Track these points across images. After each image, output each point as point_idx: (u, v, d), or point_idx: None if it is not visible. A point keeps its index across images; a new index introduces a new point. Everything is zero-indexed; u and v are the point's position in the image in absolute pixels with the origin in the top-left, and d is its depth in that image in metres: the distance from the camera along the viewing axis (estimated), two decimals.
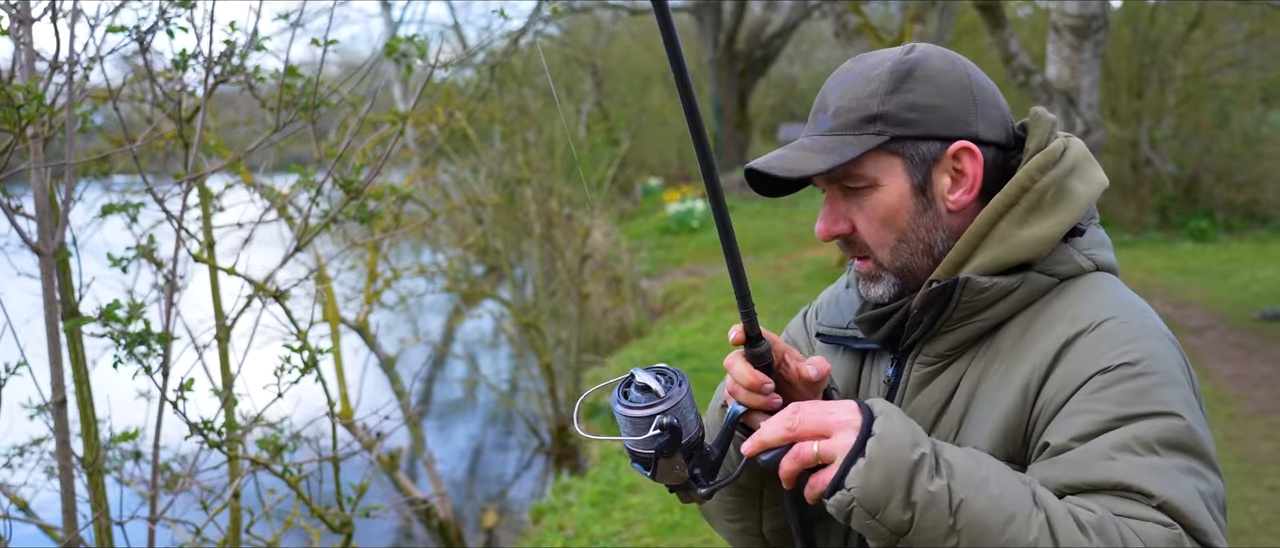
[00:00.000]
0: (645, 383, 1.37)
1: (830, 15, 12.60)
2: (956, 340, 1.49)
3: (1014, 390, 1.41)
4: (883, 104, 1.47)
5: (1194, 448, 1.30)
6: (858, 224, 1.51)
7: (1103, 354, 1.36)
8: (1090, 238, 1.52)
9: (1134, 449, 1.28)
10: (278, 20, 3.20)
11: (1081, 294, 1.45)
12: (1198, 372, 8.51)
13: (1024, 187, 1.47)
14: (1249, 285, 12.18)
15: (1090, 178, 1.52)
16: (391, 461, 7.46)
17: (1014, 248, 1.45)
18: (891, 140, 1.47)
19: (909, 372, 1.54)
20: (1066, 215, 1.47)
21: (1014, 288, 1.45)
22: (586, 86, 24.58)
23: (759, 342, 1.44)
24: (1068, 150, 1.51)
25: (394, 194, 3.75)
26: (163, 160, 5.78)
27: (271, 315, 3.34)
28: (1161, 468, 1.27)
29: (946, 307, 1.47)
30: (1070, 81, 9.24)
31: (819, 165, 1.46)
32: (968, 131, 1.49)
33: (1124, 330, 1.38)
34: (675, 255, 18.11)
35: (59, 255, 2.68)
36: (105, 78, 2.92)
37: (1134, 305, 1.44)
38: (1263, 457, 6.57)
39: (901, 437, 1.26)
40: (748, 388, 1.43)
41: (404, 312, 10.49)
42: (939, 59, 1.50)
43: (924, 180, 1.49)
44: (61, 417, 2.67)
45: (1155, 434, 1.29)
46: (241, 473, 3.17)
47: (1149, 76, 16.84)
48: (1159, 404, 1.31)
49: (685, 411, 1.36)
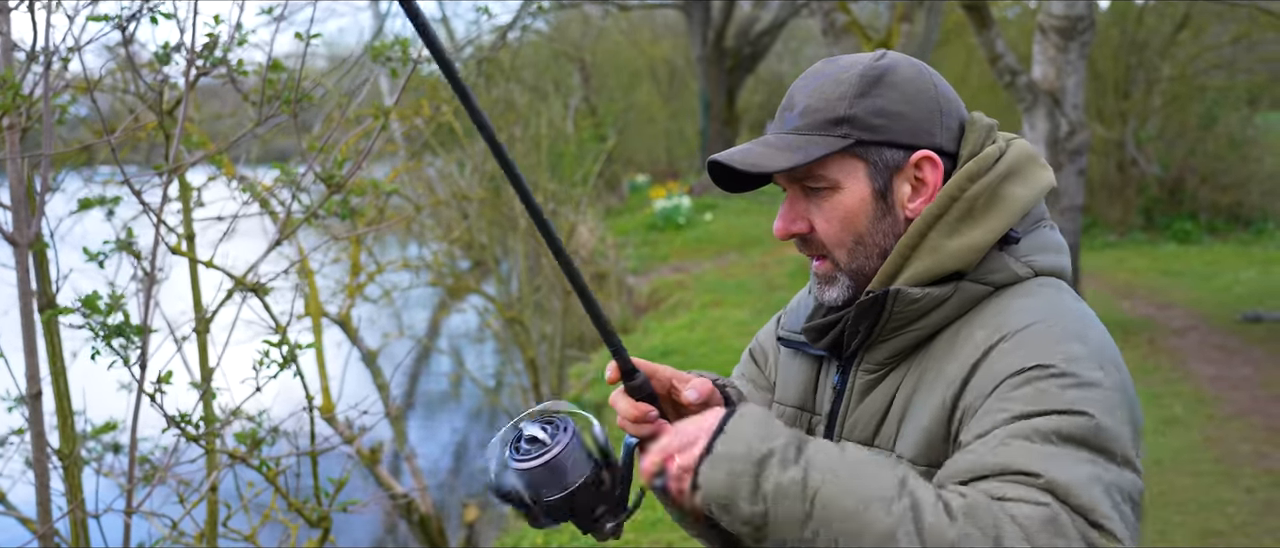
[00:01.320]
0: (532, 434, 1.40)
1: (818, 13, 12.61)
2: (894, 349, 1.49)
3: (937, 398, 1.41)
4: (851, 107, 1.48)
5: (1097, 444, 1.27)
6: (816, 224, 1.53)
7: (1018, 358, 1.35)
8: (1030, 243, 1.51)
9: (1028, 437, 1.27)
10: (262, 14, 3.20)
11: (1011, 301, 1.45)
12: (1178, 373, 8.57)
13: (953, 196, 1.47)
14: (1232, 288, 12.24)
15: (1032, 180, 1.51)
16: (373, 455, 7.45)
17: (944, 258, 1.45)
18: (856, 144, 1.48)
19: (854, 379, 1.55)
20: (998, 222, 1.46)
21: (946, 298, 1.45)
22: (574, 82, 24.54)
23: (634, 375, 1.46)
24: (1005, 155, 1.51)
25: (377, 189, 3.74)
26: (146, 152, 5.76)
27: (251, 309, 3.34)
28: (1053, 454, 1.25)
29: (880, 318, 1.47)
30: (1056, 82, 9.26)
31: (782, 163, 1.48)
32: (931, 141, 1.51)
33: (1043, 335, 1.37)
34: (661, 252, 18.11)
35: (35, 246, 2.67)
36: (84, 68, 2.90)
37: (1063, 310, 1.43)
38: (1240, 458, 6.61)
39: (749, 432, 1.29)
40: (632, 421, 1.46)
41: (388, 306, 10.47)
42: (908, 68, 1.52)
43: (885, 186, 1.50)
44: (36, 409, 2.66)
45: (1054, 427, 1.27)
46: (219, 467, 3.16)
47: (1136, 78, 16.90)
48: (1065, 403, 1.29)
49: (571, 455, 1.39)
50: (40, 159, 2.69)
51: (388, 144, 9.90)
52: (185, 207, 3.53)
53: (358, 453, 6.47)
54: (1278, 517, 5.67)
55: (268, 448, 3.17)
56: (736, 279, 14.83)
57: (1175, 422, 7.36)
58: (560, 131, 13.39)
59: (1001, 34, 9.74)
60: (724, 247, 17.88)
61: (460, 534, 8.59)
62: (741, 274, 15.26)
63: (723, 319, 11.88)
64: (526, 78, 15.10)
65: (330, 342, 8.09)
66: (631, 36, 29.58)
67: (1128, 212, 16.74)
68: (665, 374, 1.53)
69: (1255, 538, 5.42)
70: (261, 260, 3.23)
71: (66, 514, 2.78)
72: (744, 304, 12.73)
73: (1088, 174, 10.35)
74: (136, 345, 2.76)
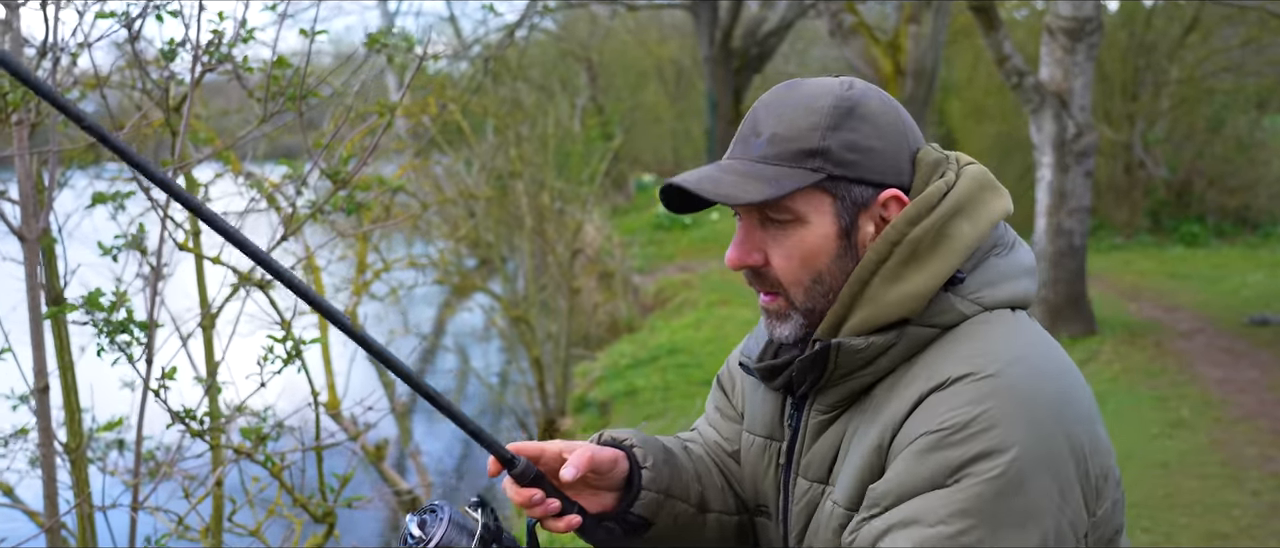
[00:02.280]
0: (410, 531, 1.43)
1: (826, 14, 12.61)
2: (843, 393, 1.45)
3: (871, 444, 1.39)
4: (824, 139, 1.41)
5: (990, 516, 1.26)
6: (773, 258, 1.46)
7: (939, 415, 1.32)
8: (977, 279, 1.43)
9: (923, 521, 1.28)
10: (266, 10, 3.21)
11: (955, 345, 1.39)
12: (1185, 376, 8.56)
13: (893, 242, 1.41)
14: (1239, 290, 12.21)
15: (979, 214, 1.44)
16: (378, 452, 7.47)
17: (885, 307, 1.40)
18: (827, 179, 1.41)
19: (807, 419, 1.51)
20: (941, 266, 1.40)
21: (890, 345, 1.41)
22: (581, 81, 24.56)
23: (514, 463, 1.49)
24: (952, 190, 1.44)
25: (382, 186, 3.75)
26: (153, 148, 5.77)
27: (256, 305, 3.35)
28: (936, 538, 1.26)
29: (826, 368, 1.44)
30: (1063, 84, 9.26)
31: (754, 195, 1.40)
32: (898, 179, 1.45)
33: (969, 390, 1.32)
34: (667, 251, 18.11)
35: (43, 241, 2.68)
36: (93, 64, 2.92)
37: (1003, 355, 1.36)
38: (1247, 461, 6.60)
39: None
40: (522, 506, 1.50)
41: (394, 303, 10.49)
42: (877, 100, 1.46)
43: (850, 224, 1.44)
44: (44, 404, 2.68)
45: (954, 505, 1.27)
46: (224, 462, 3.17)
47: (1144, 80, 16.86)
48: (966, 472, 1.28)
49: (449, 541, 1.42)
50: (48, 155, 2.71)
51: (395, 142, 9.91)
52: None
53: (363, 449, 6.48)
54: None
55: (273, 444, 3.18)
56: (733, 286, 14.81)
57: (1182, 425, 7.34)
58: (567, 131, 13.41)
59: (1009, 35, 9.74)
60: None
61: None
62: (736, 280, 15.23)
63: (729, 318, 11.87)
64: (534, 77, 15.13)
65: (336, 338, 8.10)
66: (638, 36, 29.57)
67: (1135, 214, 16.71)
68: (552, 451, 1.53)
69: (1261, 541, 5.41)
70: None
71: (74, 509, 2.79)
72: (750, 304, 12.69)
73: (1095, 176, 10.33)
74: (141, 342, 2.77)
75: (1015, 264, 1.48)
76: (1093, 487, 1.36)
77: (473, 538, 1.44)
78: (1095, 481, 1.36)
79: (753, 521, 1.67)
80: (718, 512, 1.65)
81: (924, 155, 1.47)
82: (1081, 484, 1.33)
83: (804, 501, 1.51)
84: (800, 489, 1.51)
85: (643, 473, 1.56)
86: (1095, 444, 1.37)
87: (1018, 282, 1.47)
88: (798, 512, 1.52)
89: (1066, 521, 1.31)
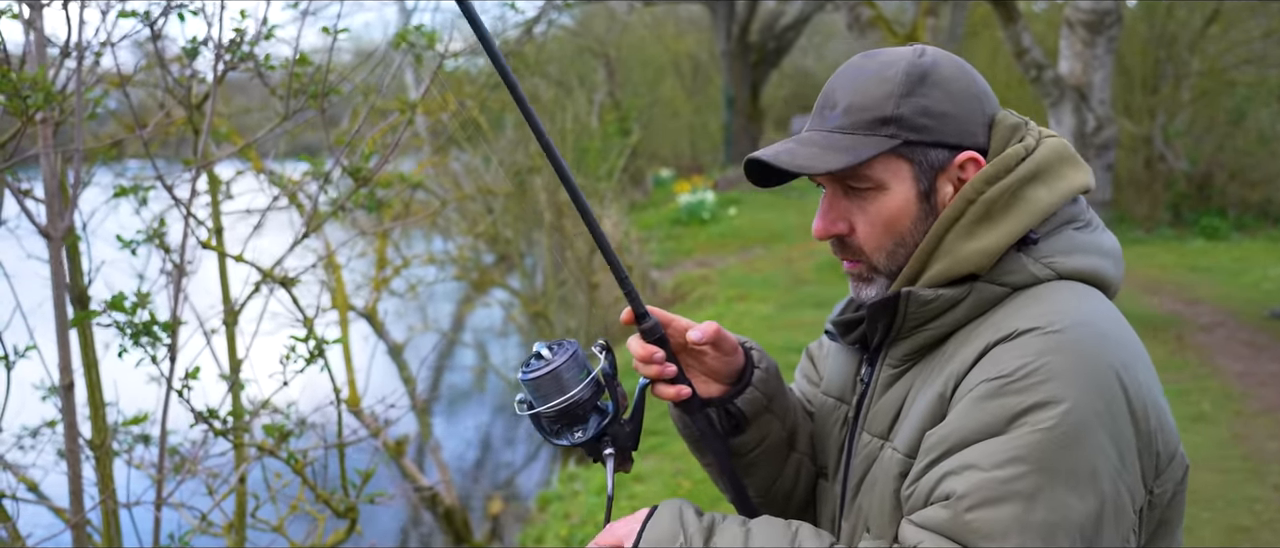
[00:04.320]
0: (538, 352, 1.56)
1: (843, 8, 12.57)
2: (913, 346, 1.49)
3: (934, 394, 1.41)
4: (898, 106, 1.45)
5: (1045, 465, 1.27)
6: (857, 226, 1.51)
7: (1002, 363, 1.33)
8: (1052, 245, 1.46)
9: (980, 465, 1.29)
10: (289, 8, 3.22)
11: (1025, 304, 1.41)
12: (1206, 369, 8.51)
13: (969, 199, 1.45)
14: (1260, 284, 12.14)
15: (1058, 181, 1.47)
16: (398, 447, 7.49)
17: (958, 261, 1.43)
18: (903, 144, 1.45)
19: (878, 373, 1.55)
20: (1015, 225, 1.43)
21: (960, 299, 1.44)
22: (599, 77, 24.55)
23: (645, 318, 1.57)
24: (1032, 155, 1.47)
25: (403, 183, 3.76)
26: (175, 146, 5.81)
27: (279, 302, 3.36)
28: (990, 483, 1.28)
29: (895, 318, 1.48)
30: (1082, 77, 9.21)
31: (832, 164, 1.44)
32: (975, 142, 1.48)
33: (1035, 342, 1.33)
34: (685, 246, 18.11)
35: (68, 239, 2.70)
36: (116, 63, 2.94)
37: (1072, 315, 1.37)
38: (1268, 455, 6.56)
39: (665, 529, 1.46)
40: (641, 360, 1.58)
41: (413, 299, 10.52)
42: (949, 65, 1.49)
43: (929, 187, 1.48)
44: (69, 400, 2.70)
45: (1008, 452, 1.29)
46: (247, 459, 3.20)
47: (1164, 72, 16.77)
48: (1024, 420, 1.29)
49: (570, 369, 1.53)
50: (73, 153, 2.73)
51: (413, 138, 9.94)
52: (214, 200, 3.57)
53: (384, 446, 6.51)
54: None
55: (295, 441, 3.20)
56: (762, 274, 14.82)
57: (1203, 418, 7.31)
58: (585, 126, 13.41)
59: (1028, 28, 9.70)
60: (749, 241, 17.87)
61: (484, 527, 8.63)
62: (767, 269, 15.25)
63: (748, 313, 11.87)
64: (552, 72, 15.14)
65: (356, 335, 8.14)
66: (656, 31, 29.55)
67: (1155, 207, 16.62)
68: (680, 324, 1.60)
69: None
70: (289, 253, 3.25)
71: (99, 505, 2.81)
72: (769, 299, 12.71)
73: (1115, 169, 10.28)
74: (165, 342, 2.79)
75: (1094, 242, 1.50)
76: (1153, 461, 1.35)
77: (589, 375, 1.55)
78: (1158, 457, 1.36)
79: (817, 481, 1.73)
80: (802, 453, 1.72)
81: (1002, 119, 1.50)
82: (1141, 454, 1.33)
83: (864, 453, 1.54)
84: (862, 443, 1.55)
85: (755, 372, 1.64)
86: (1161, 420, 1.37)
87: (1094, 257, 1.48)
88: (857, 465, 1.55)
89: (1125, 486, 1.30)
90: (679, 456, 7.27)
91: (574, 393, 1.54)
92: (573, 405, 1.54)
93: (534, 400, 1.55)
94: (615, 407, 1.58)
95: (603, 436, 1.57)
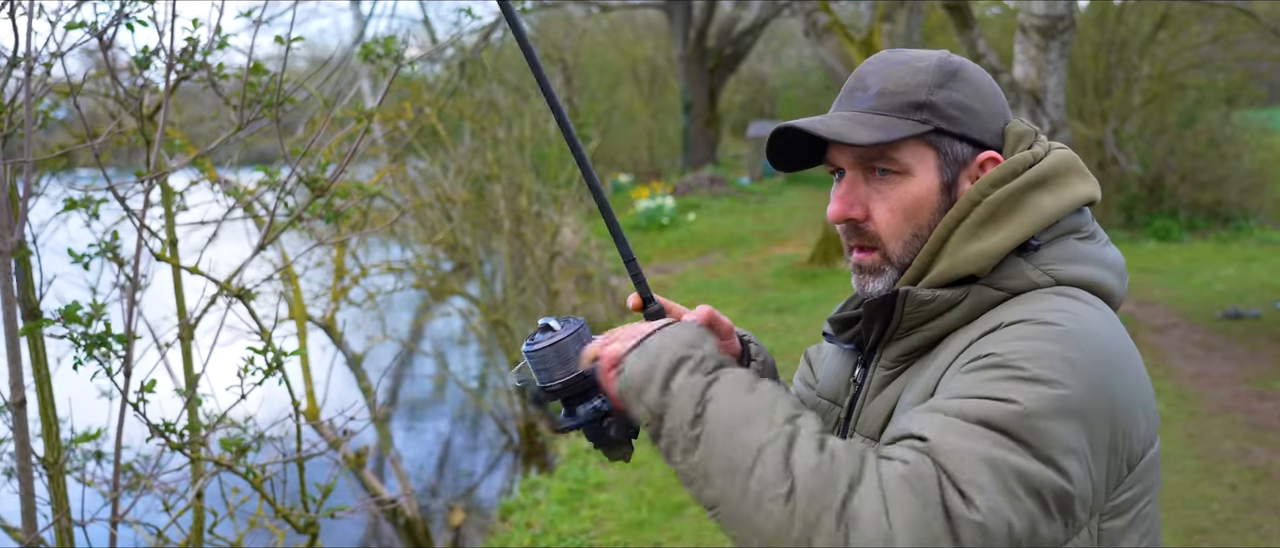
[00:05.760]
0: (546, 324, 1.55)
1: (800, 13, 12.64)
2: (909, 347, 1.49)
3: (921, 389, 1.41)
4: (931, 94, 1.48)
5: (1015, 432, 1.22)
6: (876, 211, 1.50)
7: (988, 347, 1.32)
8: (1053, 253, 1.46)
9: (945, 412, 1.25)
10: (241, 17, 3.18)
11: (1019, 306, 1.40)
12: (1160, 370, 8.60)
13: (974, 201, 1.46)
14: (1212, 284, 12.32)
15: (1064, 191, 1.48)
16: (358, 459, 7.42)
17: (959, 262, 1.44)
18: (934, 132, 1.47)
19: (872, 374, 1.55)
20: (1016, 230, 1.44)
21: (958, 300, 1.44)
22: (557, 82, 24.52)
23: (651, 302, 1.59)
24: (1038, 164, 1.48)
25: (362, 192, 3.72)
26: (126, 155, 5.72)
27: (236, 314, 3.31)
28: (958, 428, 1.22)
29: (892, 317, 1.48)
30: (1037, 81, 9.30)
31: (866, 137, 1.44)
32: (996, 143, 1.51)
33: (1023, 330, 1.33)
34: (644, 252, 18.11)
35: (18, 253, 2.65)
36: (66, 72, 2.88)
37: (1060, 313, 1.35)
38: (1223, 454, 6.65)
39: (679, 337, 1.39)
40: None
41: (372, 309, 10.43)
42: (975, 68, 1.53)
43: (952, 180, 1.50)
44: (21, 418, 2.64)
45: (975, 409, 1.23)
46: (205, 474, 3.14)
47: (1115, 76, 17.00)
48: (997, 392, 1.25)
49: (577, 343, 1.51)
50: (22, 164, 2.67)
51: (371, 147, 9.86)
52: (168, 211, 3.51)
53: (344, 458, 6.44)
54: (1262, 513, 5.71)
55: (253, 454, 3.15)
56: (721, 279, 14.84)
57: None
58: (543, 133, 13.37)
59: (982, 34, 9.78)
60: (708, 247, 17.91)
61: (446, 537, 8.57)
62: (726, 274, 15.28)
63: None
64: (509, 78, 15.08)
65: (314, 345, 8.06)
66: (613, 37, 29.58)
67: (1108, 210, 16.83)
68: (678, 310, 1.62)
69: (1239, 535, 5.45)
70: (246, 265, 3.21)
71: (52, 523, 2.75)
72: (730, 304, 12.73)
73: None
74: (120, 355, 2.74)
75: (1096, 253, 1.50)
76: (1118, 466, 1.33)
77: None
78: (1123, 464, 1.34)
79: None
80: None
81: (1013, 126, 1.52)
82: (1109, 454, 1.31)
83: None
84: None
85: (752, 364, 1.66)
86: (1132, 430, 1.34)
87: (1095, 267, 1.48)
88: None
89: (1091, 477, 1.27)
90: (640, 463, 7.26)
91: (581, 367, 1.51)
92: (576, 380, 1.51)
93: (537, 375, 1.53)
94: None
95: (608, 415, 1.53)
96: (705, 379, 1.33)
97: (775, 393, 1.31)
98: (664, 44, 29.75)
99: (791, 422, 1.25)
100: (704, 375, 1.33)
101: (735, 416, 1.27)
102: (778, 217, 20.41)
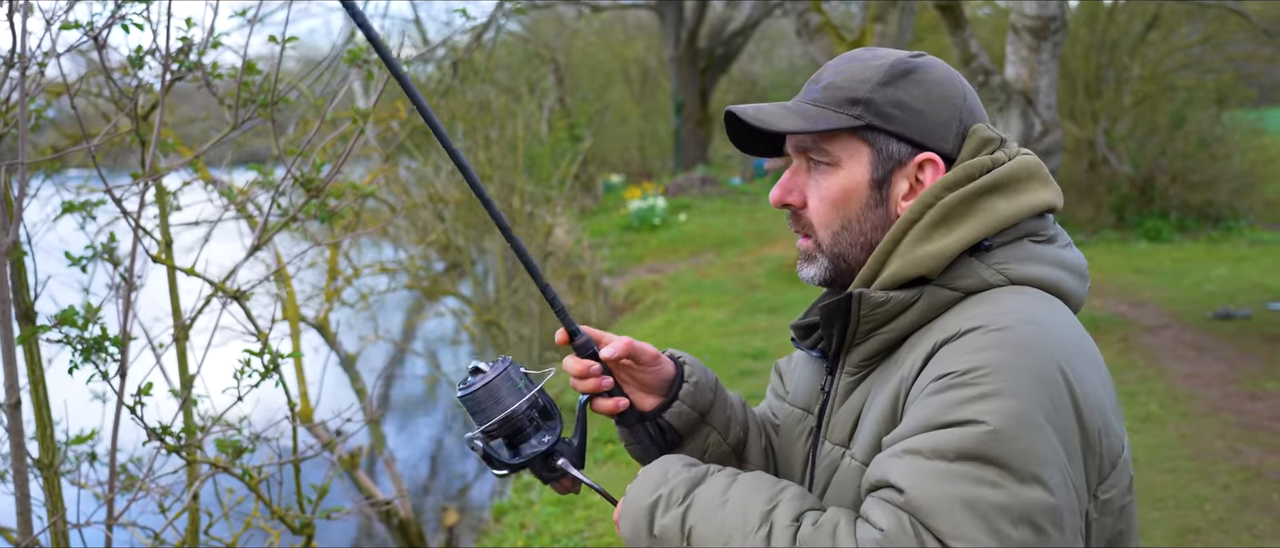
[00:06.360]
0: (475, 367, 1.60)
1: (791, 14, 12.64)
2: (869, 351, 1.49)
3: (887, 399, 1.41)
4: (871, 91, 1.49)
5: (990, 457, 1.24)
6: (810, 199, 1.55)
7: (949, 362, 1.33)
8: (1007, 253, 1.46)
9: (920, 451, 1.27)
10: (235, 16, 3.17)
11: (975, 306, 1.41)
12: (1152, 370, 8.61)
13: (927, 203, 1.46)
14: (1202, 285, 12.35)
15: (1021, 196, 1.48)
16: (352, 460, 7.41)
17: (910, 263, 1.44)
18: (866, 127, 1.49)
19: (838, 381, 1.56)
20: (969, 232, 1.44)
21: (912, 301, 1.44)
22: (548, 83, 24.52)
23: (578, 335, 1.63)
24: (998, 167, 1.48)
25: (356, 192, 3.71)
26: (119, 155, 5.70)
27: (231, 315, 3.31)
28: (930, 471, 1.25)
29: (849, 320, 1.48)
30: (1029, 82, 9.33)
31: (789, 125, 1.49)
32: (940, 146, 1.50)
33: (979, 340, 1.33)
34: (636, 253, 18.11)
35: (13, 254, 2.64)
36: (61, 72, 2.87)
37: (1017, 314, 1.37)
38: (1215, 454, 6.67)
39: (645, 485, 1.48)
40: (577, 376, 1.63)
41: (365, 309, 10.42)
42: (941, 71, 1.53)
43: (884, 178, 1.51)
44: (15, 419, 2.63)
45: (945, 441, 1.26)
46: (200, 476, 3.13)
47: (1106, 77, 17.05)
48: (962, 415, 1.27)
49: (506, 382, 1.57)
50: (17, 166, 2.66)
51: (362, 147, 9.84)
52: (162, 212, 3.50)
53: (338, 459, 6.43)
54: (1254, 513, 5.72)
55: (249, 456, 3.14)
56: (713, 279, 14.84)
57: (1150, 419, 7.41)
58: (535, 133, 13.37)
59: (974, 34, 9.80)
60: (700, 247, 17.91)
61: (439, 537, 8.56)
62: (718, 274, 15.28)
63: (700, 320, 11.88)
64: (501, 79, 15.07)
65: (308, 346, 8.05)
66: (604, 37, 29.57)
67: (1099, 210, 16.87)
68: (607, 340, 1.64)
69: (1232, 534, 5.47)
70: (240, 266, 3.20)
71: (48, 526, 2.75)
72: (722, 304, 12.74)
73: (1060, 173, 10.42)
74: (115, 358, 2.73)
75: (1053, 255, 1.50)
76: (1097, 464, 1.34)
77: (520, 397, 1.58)
78: (1102, 460, 1.35)
79: None
80: (753, 466, 1.74)
81: (977, 130, 1.52)
82: (1085, 456, 1.32)
83: (826, 463, 1.54)
84: (824, 452, 1.55)
85: (683, 386, 1.67)
86: (1107, 424, 1.36)
87: (1050, 268, 1.48)
88: (820, 474, 1.55)
89: (1071, 481, 1.28)
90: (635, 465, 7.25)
91: (513, 406, 1.56)
92: (510, 418, 1.56)
93: (474, 418, 1.58)
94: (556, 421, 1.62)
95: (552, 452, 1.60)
96: (680, 510, 1.42)
97: (745, 494, 1.39)
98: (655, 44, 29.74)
99: (765, 520, 1.33)
100: (678, 507, 1.43)
101: (716, 534, 1.37)
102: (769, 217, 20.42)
